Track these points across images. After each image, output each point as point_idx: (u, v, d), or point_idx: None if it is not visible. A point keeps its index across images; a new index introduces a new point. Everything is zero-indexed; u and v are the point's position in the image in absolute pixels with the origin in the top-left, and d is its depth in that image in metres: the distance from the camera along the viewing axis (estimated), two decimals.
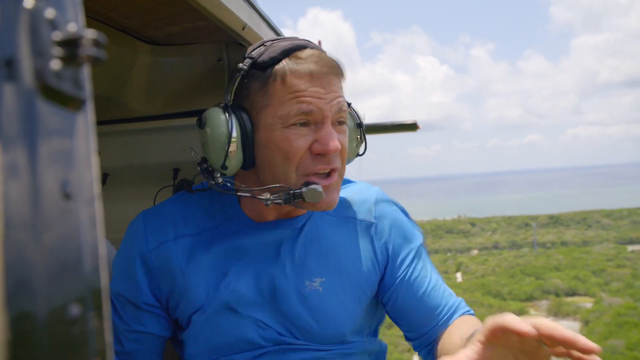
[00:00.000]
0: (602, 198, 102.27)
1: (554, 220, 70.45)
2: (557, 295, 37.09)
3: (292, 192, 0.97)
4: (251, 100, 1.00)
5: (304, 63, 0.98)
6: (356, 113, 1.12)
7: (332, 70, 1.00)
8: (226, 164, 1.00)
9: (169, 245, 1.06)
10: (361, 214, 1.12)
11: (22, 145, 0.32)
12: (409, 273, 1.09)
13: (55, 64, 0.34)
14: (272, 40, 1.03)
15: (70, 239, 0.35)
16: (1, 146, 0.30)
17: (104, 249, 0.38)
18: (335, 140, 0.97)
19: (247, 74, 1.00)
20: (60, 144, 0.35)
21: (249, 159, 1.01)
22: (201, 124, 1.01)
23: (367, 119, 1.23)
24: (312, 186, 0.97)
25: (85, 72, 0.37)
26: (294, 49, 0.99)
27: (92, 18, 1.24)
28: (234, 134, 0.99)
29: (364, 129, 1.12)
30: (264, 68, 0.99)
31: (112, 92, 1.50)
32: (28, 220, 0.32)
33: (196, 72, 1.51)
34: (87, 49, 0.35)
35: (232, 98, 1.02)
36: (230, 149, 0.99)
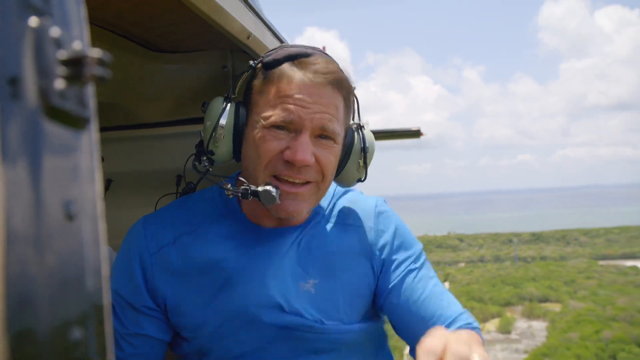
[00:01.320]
0: (583, 218, 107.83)
1: (536, 238, 75.82)
2: (530, 301, 42.10)
3: (250, 189, 0.97)
4: (251, 97, 1.02)
5: (300, 70, 0.97)
6: (364, 138, 1.09)
7: (329, 83, 0.97)
8: (211, 148, 1.03)
9: (168, 248, 1.07)
10: (361, 221, 1.12)
11: (25, 164, 0.31)
12: (403, 279, 1.08)
13: (60, 83, 0.34)
14: (289, 46, 1.03)
15: (73, 259, 0.35)
16: (5, 165, 0.30)
17: (107, 267, 0.38)
18: (306, 153, 0.95)
19: (254, 72, 1.03)
20: (64, 163, 0.35)
21: (237, 152, 1.04)
22: (203, 109, 1.05)
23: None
24: (267, 187, 0.96)
25: (90, 90, 0.37)
26: (299, 55, 0.99)
27: (97, 25, 1.24)
28: (222, 122, 1.01)
29: (366, 155, 1.09)
30: (267, 69, 1.00)
31: (116, 99, 1.51)
32: (31, 240, 0.31)
33: (201, 79, 1.52)
34: (92, 68, 0.34)
35: (236, 91, 1.05)
36: (216, 134, 1.01)
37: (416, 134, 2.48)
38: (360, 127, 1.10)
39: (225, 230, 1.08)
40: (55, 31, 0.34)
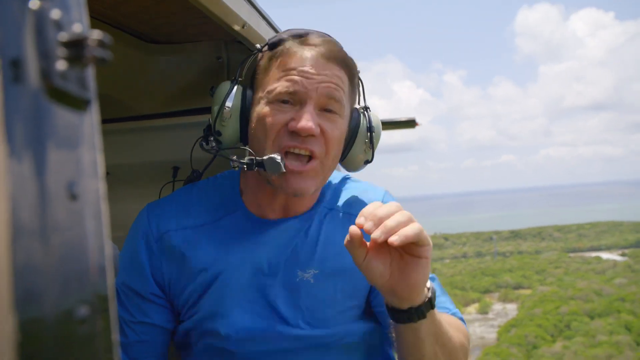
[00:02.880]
0: (558, 216, 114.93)
1: (514, 235, 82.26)
2: (506, 288, 48.31)
3: (255, 159, 0.98)
4: (257, 78, 1.04)
5: (304, 46, 0.98)
6: (370, 119, 1.10)
7: (332, 59, 0.98)
8: (218, 128, 1.03)
9: (171, 234, 1.07)
10: None
11: (28, 145, 0.31)
12: None
13: (61, 65, 0.34)
14: (295, 29, 1.04)
15: (77, 239, 0.35)
16: (8, 146, 0.30)
17: (110, 248, 0.38)
18: (310, 122, 0.94)
19: (260, 54, 1.05)
20: (66, 145, 0.35)
21: (244, 133, 1.05)
22: (211, 92, 1.06)
23: None
24: (272, 155, 0.95)
25: (91, 72, 0.37)
26: (303, 33, 1.01)
27: (92, 17, 1.23)
28: (228, 103, 1.02)
29: (373, 135, 1.09)
30: (271, 48, 1.02)
31: (111, 91, 1.48)
32: (35, 221, 0.31)
33: (196, 71, 1.50)
34: (93, 50, 0.35)
35: (242, 74, 1.06)
36: (222, 115, 1.02)
37: (411, 123, 2.40)
38: (366, 109, 1.12)
39: (230, 226, 1.09)
40: (55, 13, 0.34)
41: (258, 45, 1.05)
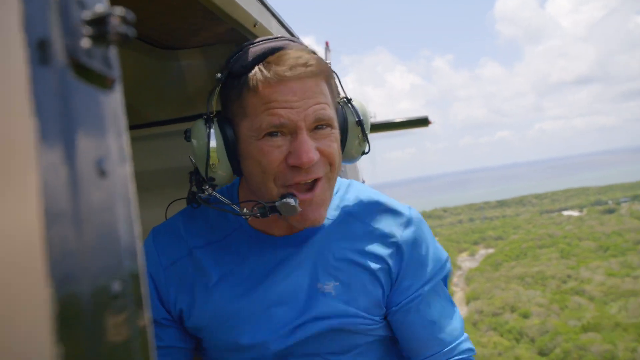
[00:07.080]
0: (540, 187, 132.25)
1: (501, 204, 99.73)
2: (489, 239, 65.85)
3: (267, 206, 0.93)
4: (230, 110, 0.97)
5: (274, 69, 0.90)
6: (355, 110, 1.05)
7: (309, 73, 0.91)
8: (210, 175, 0.97)
9: (183, 261, 1.06)
10: (389, 229, 1.07)
11: (57, 121, 0.32)
12: (412, 302, 1.07)
13: (86, 43, 0.35)
14: (250, 44, 0.97)
15: (106, 215, 0.35)
16: (37, 124, 0.30)
17: (138, 226, 0.39)
18: (310, 152, 0.90)
19: (225, 83, 0.97)
20: (93, 122, 0.35)
21: (238, 169, 0.99)
22: (187, 137, 0.99)
23: None
24: (285, 200, 0.92)
25: (115, 51, 0.38)
26: (267, 53, 0.93)
27: None
28: (212, 145, 0.95)
29: (364, 127, 1.04)
30: (237, 77, 0.94)
31: (125, 99, 1.22)
32: (66, 196, 0.32)
33: (209, 75, 1.48)
34: (116, 27, 0.35)
35: (213, 109, 0.98)
36: (211, 161, 0.95)
37: (424, 122, 2.41)
38: (348, 100, 1.06)
39: (235, 244, 1.07)
40: None
41: (218, 75, 0.97)
